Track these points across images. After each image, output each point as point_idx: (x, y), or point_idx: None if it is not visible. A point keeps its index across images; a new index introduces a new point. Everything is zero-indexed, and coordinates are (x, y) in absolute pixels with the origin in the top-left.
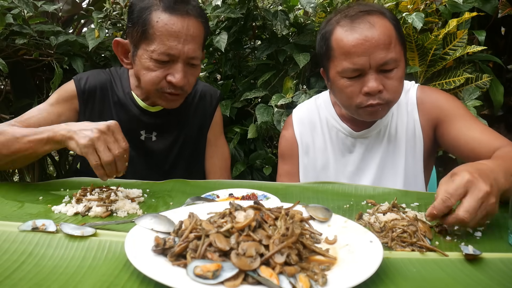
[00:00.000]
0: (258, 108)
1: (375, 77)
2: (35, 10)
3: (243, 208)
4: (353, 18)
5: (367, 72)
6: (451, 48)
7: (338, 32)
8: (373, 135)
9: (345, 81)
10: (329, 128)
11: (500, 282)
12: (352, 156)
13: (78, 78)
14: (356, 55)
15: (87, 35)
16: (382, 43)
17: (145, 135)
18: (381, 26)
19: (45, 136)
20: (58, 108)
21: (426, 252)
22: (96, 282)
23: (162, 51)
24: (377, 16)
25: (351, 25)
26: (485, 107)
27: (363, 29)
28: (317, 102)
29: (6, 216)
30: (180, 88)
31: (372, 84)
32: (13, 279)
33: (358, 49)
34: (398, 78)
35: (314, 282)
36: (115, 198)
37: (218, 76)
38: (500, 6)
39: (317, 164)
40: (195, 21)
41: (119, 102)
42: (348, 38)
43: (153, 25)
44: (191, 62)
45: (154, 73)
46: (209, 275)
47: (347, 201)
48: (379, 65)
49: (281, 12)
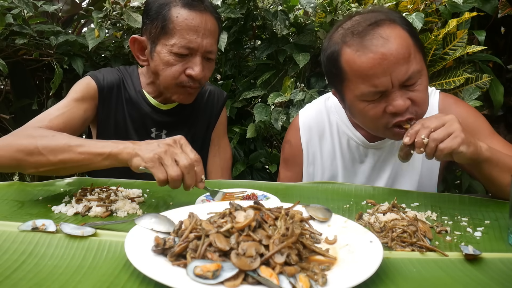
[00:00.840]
0: (257, 107)
1: (399, 94)
2: (35, 10)
3: (243, 208)
4: (362, 35)
5: (390, 91)
6: (451, 48)
7: (348, 53)
8: (387, 146)
9: (366, 105)
10: (340, 134)
11: (500, 282)
12: (362, 166)
13: (95, 76)
14: (375, 77)
15: (87, 35)
16: (402, 58)
17: (156, 132)
18: (396, 37)
19: (106, 151)
20: (84, 105)
21: (426, 252)
22: (96, 282)
23: (183, 44)
24: (388, 26)
25: (362, 44)
26: (485, 107)
27: (377, 46)
28: (327, 105)
29: (6, 216)
30: (198, 81)
31: (399, 102)
32: (13, 279)
33: (377, 70)
34: (424, 89)
35: (314, 282)
36: (115, 198)
37: (218, 76)
38: (500, 6)
39: (325, 174)
40: (211, 17)
41: (130, 100)
42: (362, 59)
43: (173, 20)
44: (207, 56)
45: (174, 67)
46: (209, 275)
47: (347, 201)
48: (403, 81)
49: (281, 12)
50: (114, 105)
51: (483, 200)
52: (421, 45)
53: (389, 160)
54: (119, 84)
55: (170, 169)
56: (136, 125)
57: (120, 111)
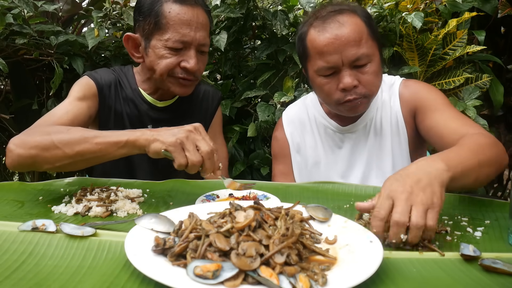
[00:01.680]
0: (259, 106)
1: (349, 73)
2: (35, 10)
3: (243, 208)
4: (324, 19)
5: (341, 69)
6: (451, 48)
7: (311, 33)
8: (360, 129)
9: (322, 79)
10: (318, 125)
11: (500, 282)
12: (341, 152)
13: (93, 75)
14: (328, 53)
15: (86, 34)
16: (353, 40)
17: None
18: (351, 24)
19: (123, 139)
20: (87, 102)
21: (426, 251)
22: (96, 282)
23: (177, 38)
24: (347, 15)
25: (322, 26)
26: (485, 107)
27: (333, 28)
28: (306, 102)
29: (6, 216)
30: (192, 74)
31: (347, 80)
32: (13, 279)
33: (330, 47)
34: (373, 72)
35: (314, 282)
36: (115, 198)
37: (218, 76)
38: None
39: (309, 162)
40: (202, 11)
41: (127, 98)
42: (320, 38)
43: (165, 15)
44: (201, 49)
45: (169, 60)
46: (209, 275)
47: (347, 201)
48: (351, 61)
49: (280, 12)
50: (113, 103)
51: (483, 200)
52: (377, 36)
53: (363, 142)
54: (116, 83)
55: (192, 154)
56: (133, 123)
57: (118, 110)
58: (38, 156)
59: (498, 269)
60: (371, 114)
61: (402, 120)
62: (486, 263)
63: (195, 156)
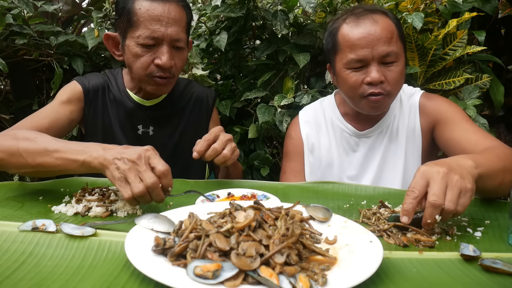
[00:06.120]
0: (259, 108)
1: (377, 68)
2: (35, 10)
3: (243, 208)
4: (358, 15)
5: (370, 64)
6: (451, 48)
7: (344, 28)
8: (376, 135)
9: (349, 72)
10: (334, 128)
11: (500, 282)
12: (356, 155)
13: (81, 80)
14: (360, 47)
15: (86, 34)
16: (384, 37)
17: (143, 129)
18: (384, 23)
19: (81, 158)
20: (69, 106)
21: (425, 251)
22: (96, 282)
23: (147, 35)
24: (380, 15)
25: (356, 21)
26: (486, 107)
27: (367, 24)
28: (323, 104)
29: (6, 216)
30: (168, 70)
31: (374, 74)
32: (13, 279)
33: (362, 41)
34: (398, 72)
35: (314, 282)
36: (115, 198)
37: (218, 76)
38: (500, 6)
39: (322, 163)
40: (175, 5)
41: (115, 100)
42: (353, 32)
43: (136, 12)
44: (176, 45)
45: (143, 58)
46: (209, 275)
47: (347, 201)
48: (381, 56)
49: (280, 12)
50: (101, 106)
51: (483, 200)
52: (404, 40)
53: (378, 147)
54: (104, 86)
55: (134, 186)
56: (122, 123)
57: (106, 112)
58: (4, 160)
59: (498, 269)
60: (388, 121)
61: (419, 130)
62: (486, 263)
63: (136, 187)
